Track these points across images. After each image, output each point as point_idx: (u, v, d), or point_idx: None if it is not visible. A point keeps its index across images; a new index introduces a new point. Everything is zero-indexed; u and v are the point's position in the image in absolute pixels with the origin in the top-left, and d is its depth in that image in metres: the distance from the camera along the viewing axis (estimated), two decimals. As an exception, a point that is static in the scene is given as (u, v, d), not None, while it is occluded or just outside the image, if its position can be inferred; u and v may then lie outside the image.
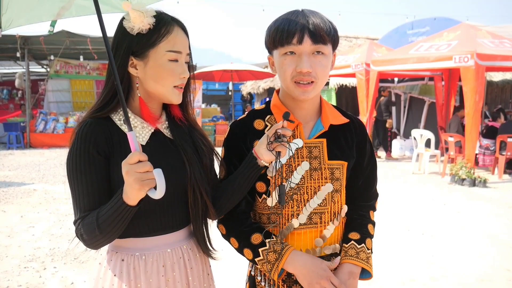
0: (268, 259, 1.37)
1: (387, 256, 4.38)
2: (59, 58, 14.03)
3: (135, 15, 1.26)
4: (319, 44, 1.32)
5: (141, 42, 1.29)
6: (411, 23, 15.26)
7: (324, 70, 1.36)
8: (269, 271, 1.38)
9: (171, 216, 1.38)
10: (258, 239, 1.40)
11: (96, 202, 1.25)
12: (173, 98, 1.34)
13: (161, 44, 1.29)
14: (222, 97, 22.88)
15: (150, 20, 1.27)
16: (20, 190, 7.22)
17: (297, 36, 1.31)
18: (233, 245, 1.46)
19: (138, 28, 1.27)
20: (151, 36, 1.29)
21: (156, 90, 1.33)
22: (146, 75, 1.31)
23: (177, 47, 1.31)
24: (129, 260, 1.34)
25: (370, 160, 1.56)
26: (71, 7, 1.46)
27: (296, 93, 1.37)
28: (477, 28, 9.44)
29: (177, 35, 1.31)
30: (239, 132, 1.48)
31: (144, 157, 1.12)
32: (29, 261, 4.14)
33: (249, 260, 1.44)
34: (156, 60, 1.30)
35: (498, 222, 5.61)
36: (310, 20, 1.32)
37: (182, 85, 1.35)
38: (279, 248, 1.37)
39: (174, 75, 1.31)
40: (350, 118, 1.53)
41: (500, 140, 8.61)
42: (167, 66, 1.30)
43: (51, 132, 13.10)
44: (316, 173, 1.42)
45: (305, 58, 1.32)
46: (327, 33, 1.32)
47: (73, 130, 1.32)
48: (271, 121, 1.47)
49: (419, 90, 13.41)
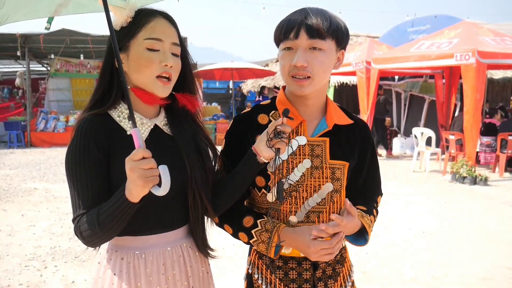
0: (261, 239, 1.39)
1: (388, 254, 4.37)
2: (59, 56, 14.01)
3: (115, 10, 1.27)
4: (315, 39, 1.32)
5: (122, 35, 1.30)
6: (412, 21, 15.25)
7: (321, 66, 1.35)
8: (265, 250, 1.40)
9: (170, 214, 1.37)
10: (250, 222, 1.42)
11: (95, 200, 1.24)
12: (156, 89, 1.31)
13: (139, 34, 1.29)
14: (223, 96, 22.87)
15: (129, 13, 1.28)
16: (21, 188, 7.22)
17: (294, 31, 1.33)
18: (228, 231, 1.48)
19: (120, 22, 1.28)
20: (131, 27, 1.30)
21: (140, 81, 1.31)
22: (130, 68, 1.31)
23: (156, 34, 1.29)
24: (129, 258, 1.33)
25: (372, 162, 1.56)
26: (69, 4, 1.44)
27: (293, 88, 1.39)
28: (479, 26, 9.43)
29: (158, 23, 1.30)
30: (242, 125, 1.49)
31: (148, 154, 1.11)
32: (30, 260, 4.14)
33: (245, 243, 1.45)
34: (134, 50, 1.29)
35: (499, 220, 5.60)
36: (309, 16, 1.33)
37: (167, 74, 1.30)
38: (271, 227, 1.39)
39: (154, 63, 1.28)
40: (355, 120, 1.53)
41: (501, 138, 8.60)
42: (145, 54, 1.28)
43: (51, 131, 13.09)
44: (317, 171, 1.42)
45: (300, 53, 1.33)
46: (325, 29, 1.32)
47: (73, 127, 1.31)
48: (275, 116, 1.47)
49: (420, 88, 13.39)
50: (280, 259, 1.46)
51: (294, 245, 1.39)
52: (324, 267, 1.47)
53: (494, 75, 13.03)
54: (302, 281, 1.44)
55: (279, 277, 1.45)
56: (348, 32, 1.40)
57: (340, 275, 1.50)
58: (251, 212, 1.45)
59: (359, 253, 4.31)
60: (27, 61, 13.18)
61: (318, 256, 1.34)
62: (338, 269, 1.50)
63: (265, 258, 1.47)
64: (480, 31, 8.73)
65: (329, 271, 1.48)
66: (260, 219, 1.42)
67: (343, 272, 1.51)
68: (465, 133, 8.24)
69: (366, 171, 1.55)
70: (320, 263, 1.45)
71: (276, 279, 1.44)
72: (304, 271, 1.45)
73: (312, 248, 1.33)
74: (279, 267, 1.46)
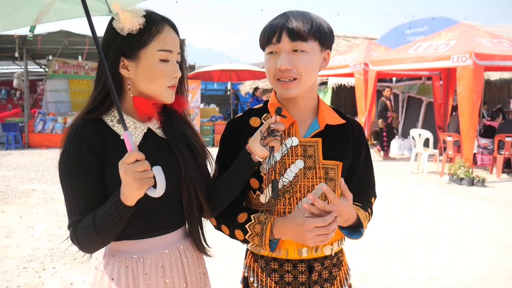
0: (255, 231, 1.38)
1: (386, 255, 4.39)
2: (57, 58, 14.00)
3: (125, 15, 1.25)
4: (297, 41, 1.33)
5: (132, 43, 1.27)
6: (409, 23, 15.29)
7: (306, 67, 1.35)
8: (259, 243, 1.38)
9: (167, 217, 1.37)
10: (244, 217, 1.41)
11: (91, 205, 1.23)
12: (167, 98, 1.34)
13: (152, 44, 1.28)
14: (221, 97, 22.86)
15: (140, 20, 1.26)
16: (18, 190, 7.21)
17: (276, 36, 1.34)
18: (225, 232, 1.47)
19: (128, 28, 1.26)
20: (142, 36, 1.27)
21: (149, 90, 1.32)
22: (138, 76, 1.30)
23: (168, 46, 1.29)
24: (127, 263, 1.32)
25: (366, 163, 1.57)
26: (49, 12, 1.42)
27: (280, 91, 1.40)
28: (476, 28, 9.47)
29: (168, 34, 1.30)
30: (235, 129, 1.50)
31: (141, 156, 1.11)
32: (28, 262, 4.14)
33: (241, 241, 1.44)
34: (147, 60, 1.28)
35: (497, 222, 5.62)
36: (289, 19, 1.34)
37: (175, 84, 1.35)
38: (263, 218, 1.38)
39: (166, 75, 1.30)
40: (347, 120, 1.53)
41: (498, 139, 8.63)
42: (158, 66, 1.28)
43: (49, 132, 13.06)
44: (310, 172, 1.42)
45: (284, 56, 1.34)
46: (306, 31, 1.33)
47: (65, 132, 1.30)
48: (267, 119, 1.48)
49: (417, 90, 13.43)
50: (276, 262, 1.45)
51: (288, 231, 1.34)
52: (320, 270, 1.46)
53: (491, 76, 13.08)
54: (298, 284, 1.44)
55: (275, 280, 1.44)
56: (332, 32, 1.41)
57: (337, 279, 1.49)
58: (245, 209, 1.45)
59: (357, 254, 4.32)
60: (25, 62, 13.16)
61: (313, 236, 1.27)
62: (334, 273, 1.49)
63: (261, 261, 1.46)
64: (477, 33, 8.76)
65: (326, 274, 1.47)
66: (254, 214, 1.41)
67: (340, 276, 1.50)
68: (462, 135, 8.27)
69: (360, 172, 1.55)
70: (315, 266, 1.45)
71: (271, 282, 1.44)
72: (300, 274, 1.43)
73: (305, 225, 1.27)
74: (275, 270, 1.45)
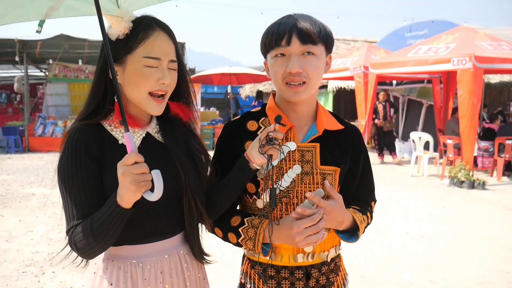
0: (248, 235, 1.37)
1: (387, 259, 4.37)
2: (57, 62, 14.02)
3: (112, 20, 1.24)
4: (308, 45, 1.32)
5: (118, 48, 1.26)
6: (409, 26, 15.33)
7: (315, 70, 1.35)
8: (252, 247, 1.37)
9: (166, 222, 1.36)
10: (237, 221, 1.41)
11: (89, 210, 1.22)
12: (149, 107, 1.28)
13: (137, 50, 1.25)
14: (221, 101, 22.88)
15: (127, 25, 1.24)
16: (18, 194, 7.20)
17: (286, 38, 1.32)
18: (218, 235, 1.46)
19: (116, 33, 1.25)
20: (128, 41, 1.25)
21: (133, 96, 1.29)
22: (125, 81, 1.29)
23: (154, 53, 1.25)
24: (126, 268, 1.31)
25: (365, 168, 1.56)
26: (60, 7, 1.40)
27: (288, 95, 1.38)
28: (476, 31, 9.48)
29: (156, 39, 1.26)
30: (232, 132, 1.49)
31: (140, 159, 1.11)
32: (27, 266, 4.13)
33: (234, 244, 1.43)
34: (133, 65, 1.26)
35: (497, 225, 5.61)
36: (298, 22, 1.33)
37: (162, 91, 1.28)
38: (257, 222, 1.37)
39: (149, 79, 1.25)
40: (346, 125, 1.52)
41: (499, 142, 8.62)
42: (142, 70, 1.25)
43: (49, 136, 13.05)
44: (307, 177, 1.41)
45: (294, 59, 1.32)
46: (316, 34, 1.33)
47: (63, 137, 1.29)
48: (265, 123, 1.47)
49: (417, 93, 13.43)
50: (273, 269, 1.43)
51: (279, 235, 1.33)
52: (318, 276, 1.44)
53: (491, 79, 13.08)
54: None
55: (272, 286, 1.43)
56: (333, 37, 1.42)
57: (334, 284, 1.48)
58: (239, 212, 1.44)
59: (357, 257, 4.31)
60: (25, 66, 13.18)
61: (304, 237, 1.26)
62: (332, 278, 1.48)
63: (258, 267, 1.44)
64: (477, 36, 8.77)
65: (323, 281, 1.45)
66: (247, 218, 1.40)
67: (337, 281, 1.49)
68: (462, 138, 8.26)
69: (359, 177, 1.54)
70: (313, 272, 1.43)
71: None
72: (297, 281, 1.42)
73: (295, 228, 1.27)
74: (272, 276, 1.43)
